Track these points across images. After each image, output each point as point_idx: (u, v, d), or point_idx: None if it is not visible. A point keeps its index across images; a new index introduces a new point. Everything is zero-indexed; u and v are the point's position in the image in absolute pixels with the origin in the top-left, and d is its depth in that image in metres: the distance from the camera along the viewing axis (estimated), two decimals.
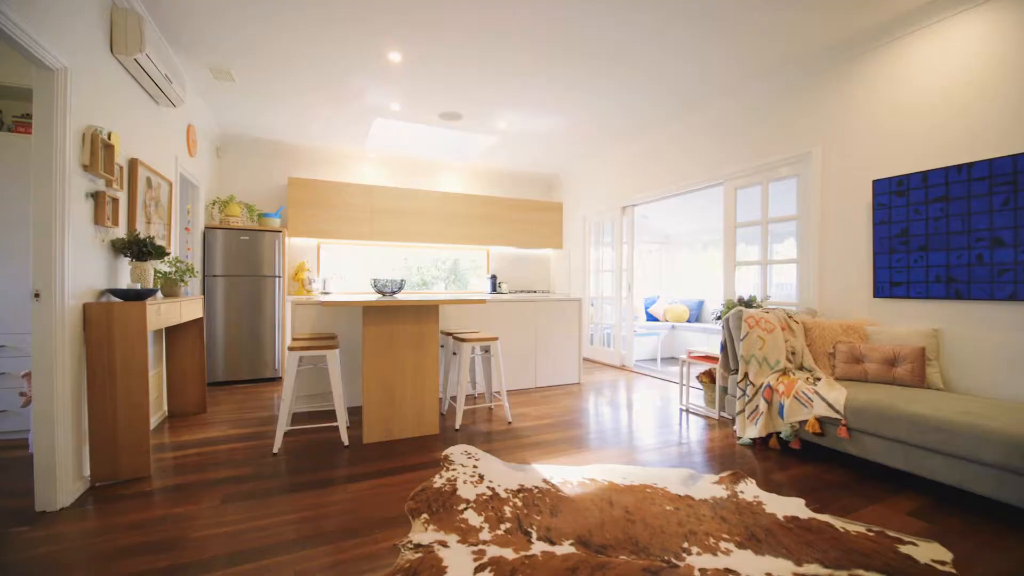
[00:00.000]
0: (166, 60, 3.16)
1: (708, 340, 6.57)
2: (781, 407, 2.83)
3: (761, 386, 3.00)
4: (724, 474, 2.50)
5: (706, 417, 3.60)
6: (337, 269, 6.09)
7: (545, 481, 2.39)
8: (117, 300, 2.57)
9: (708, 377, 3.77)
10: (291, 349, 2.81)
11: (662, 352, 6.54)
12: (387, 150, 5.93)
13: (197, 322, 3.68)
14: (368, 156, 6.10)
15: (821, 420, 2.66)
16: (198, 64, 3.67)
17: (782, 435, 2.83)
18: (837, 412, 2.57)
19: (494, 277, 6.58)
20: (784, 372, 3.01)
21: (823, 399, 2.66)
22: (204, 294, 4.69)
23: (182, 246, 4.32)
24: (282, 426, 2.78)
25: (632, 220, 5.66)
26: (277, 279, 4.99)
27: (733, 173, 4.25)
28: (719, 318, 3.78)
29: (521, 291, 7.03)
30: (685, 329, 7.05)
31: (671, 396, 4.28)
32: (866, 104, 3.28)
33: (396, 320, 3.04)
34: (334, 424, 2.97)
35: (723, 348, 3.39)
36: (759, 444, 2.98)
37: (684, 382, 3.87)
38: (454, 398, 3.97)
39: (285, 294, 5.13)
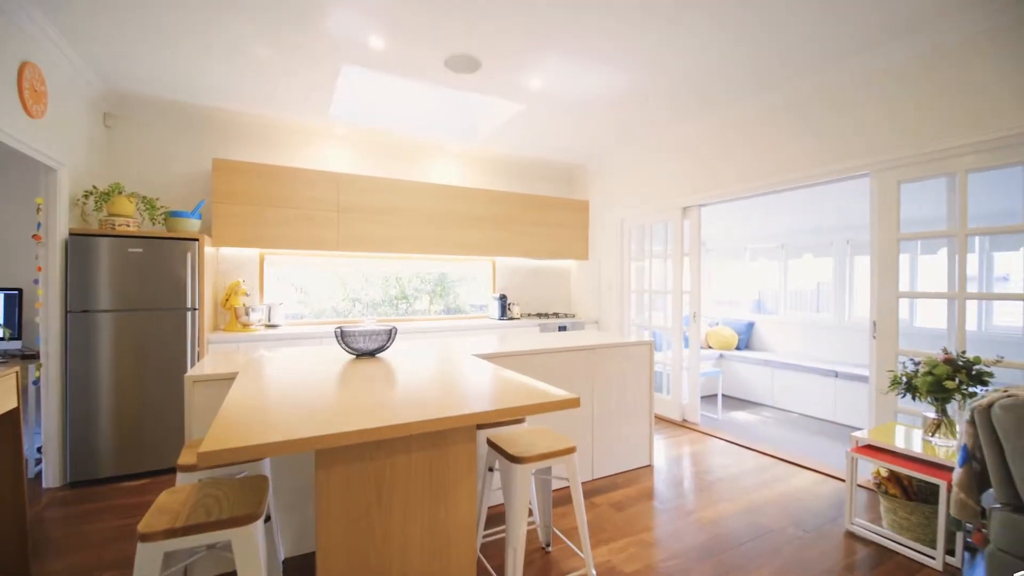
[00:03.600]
0: None
1: (773, 376, 5.19)
2: None
3: None
4: None
5: (907, 557, 2.17)
6: (290, 286, 4.39)
7: None
8: None
9: (896, 485, 2.34)
10: (144, 538, 1.19)
11: (711, 391, 5.13)
12: (360, 121, 4.22)
13: (10, 416, 1.99)
14: (333, 130, 4.39)
15: None
16: None
17: None
18: None
19: (503, 297, 4.99)
20: None
21: None
22: (67, 341, 2.95)
23: (13, 266, 2.58)
24: None
25: (698, 225, 4.21)
26: (192, 312, 3.28)
27: (890, 161, 2.83)
28: (912, 389, 2.36)
29: (535, 315, 5.47)
30: (735, 359, 5.67)
31: (801, 493, 2.83)
32: None
33: (390, 447, 1.46)
34: None
35: (966, 458, 1.96)
36: None
37: (852, 482, 2.43)
38: (490, 547, 2.36)
39: (205, 332, 3.43)
